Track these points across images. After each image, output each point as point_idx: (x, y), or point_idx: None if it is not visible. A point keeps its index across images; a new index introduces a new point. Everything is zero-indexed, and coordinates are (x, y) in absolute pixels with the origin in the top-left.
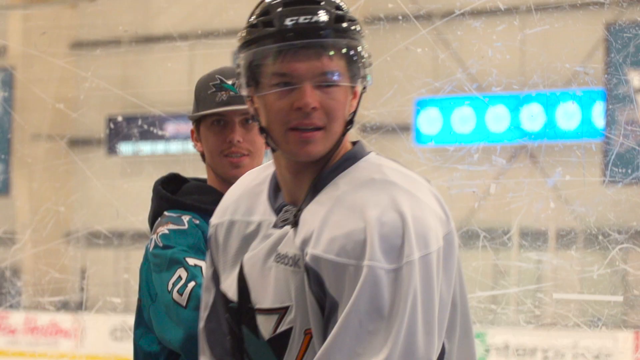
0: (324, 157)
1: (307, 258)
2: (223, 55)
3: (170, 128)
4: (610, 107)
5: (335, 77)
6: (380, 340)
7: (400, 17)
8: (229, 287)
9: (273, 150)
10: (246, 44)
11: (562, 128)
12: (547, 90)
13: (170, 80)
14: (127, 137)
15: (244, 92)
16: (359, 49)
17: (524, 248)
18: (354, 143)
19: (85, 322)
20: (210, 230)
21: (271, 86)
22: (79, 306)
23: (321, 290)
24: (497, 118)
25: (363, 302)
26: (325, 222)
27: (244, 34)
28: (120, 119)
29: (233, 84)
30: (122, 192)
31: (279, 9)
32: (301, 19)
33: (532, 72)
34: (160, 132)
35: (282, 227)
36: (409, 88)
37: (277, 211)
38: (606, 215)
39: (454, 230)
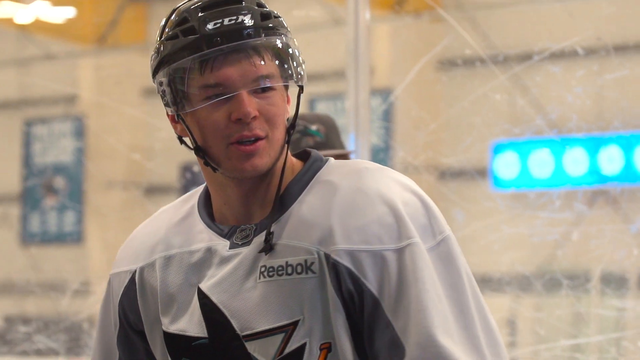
0: (270, 168)
1: (335, 256)
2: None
3: None
4: None
5: (271, 80)
6: (460, 310)
7: (477, 63)
8: (187, 324)
9: (213, 170)
10: (166, 59)
11: None
12: (627, 132)
13: None
14: None
15: (169, 111)
16: (292, 46)
17: (606, 295)
18: (299, 154)
19: None
20: (125, 277)
21: (202, 100)
22: None
23: (356, 286)
24: (576, 161)
25: (426, 277)
26: (341, 214)
27: (160, 49)
28: (196, 168)
29: (317, 130)
30: None
31: (199, 14)
32: (226, 21)
33: (613, 117)
34: None
35: (244, 245)
36: (487, 134)
37: (227, 235)
38: None
39: None
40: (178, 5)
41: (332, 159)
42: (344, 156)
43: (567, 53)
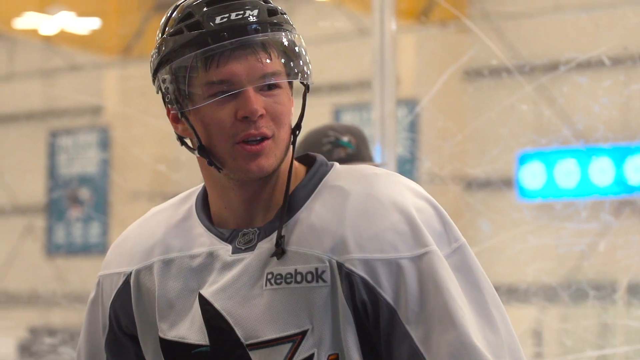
0: (275, 170)
1: (349, 265)
2: (324, 113)
3: None
4: None
5: (277, 78)
6: (485, 319)
7: (504, 74)
8: (187, 331)
9: (218, 169)
10: (169, 55)
11: None
12: None
13: None
14: None
15: (172, 110)
16: (299, 43)
17: (633, 306)
18: (302, 158)
19: None
20: (118, 279)
21: (207, 98)
22: None
23: (371, 296)
24: (602, 171)
25: (449, 285)
26: (354, 221)
27: (162, 46)
28: None
29: (349, 141)
30: None
31: (205, 9)
32: (233, 16)
33: (639, 127)
34: None
35: (248, 250)
36: (514, 145)
37: (228, 239)
38: None
39: None
40: (178, 3)
41: (337, 164)
42: None
43: (594, 63)
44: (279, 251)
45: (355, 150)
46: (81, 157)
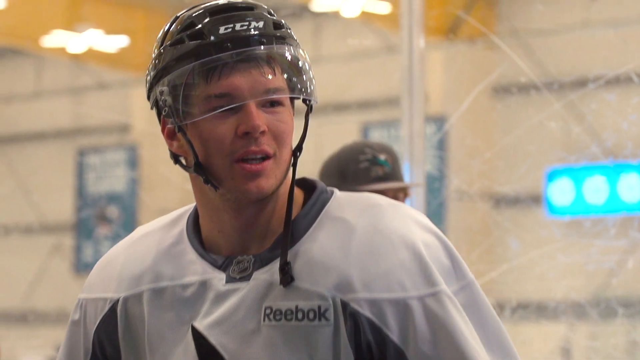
0: (274, 192)
1: (355, 305)
2: (353, 130)
3: None
4: None
5: (281, 94)
6: (499, 356)
7: (532, 91)
8: None
9: (215, 188)
10: (169, 65)
11: None
12: None
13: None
14: None
15: (169, 125)
16: (305, 59)
17: None
18: (298, 182)
19: None
20: (104, 305)
21: (206, 111)
22: None
23: (377, 337)
24: (631, 188)
25: (461, 324)
26: (360, 258)
27: (161, 57)
28: None
29: (386, 160)
30: None
31: (208, 19)
32: (237, 26)
33: None
34: None
35: (243, 279)
36: (542, 162)
37: (222, 267)
38: None
39: None
40: (178, 14)
41: (337, 191)
42: (404, 190)
43: (622, 80)
44: (287, 279)
45: (391, 169)
46: (109, 176)
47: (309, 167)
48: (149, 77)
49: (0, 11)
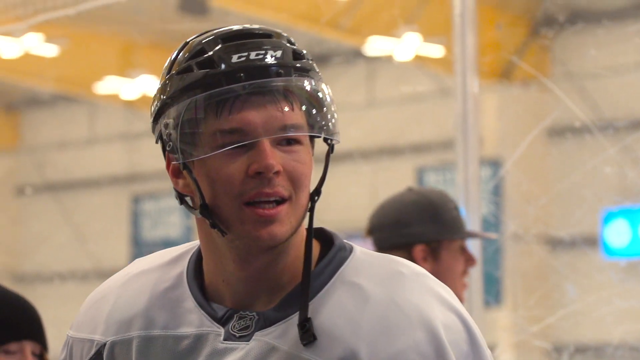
0: (288, 240)
1: None
2: (408, 174)
3: None
4: None
5: (300, 132)
6: None
7: (587, 135)
8: None
9: (222, 233)
10: (175, 95)
11: None
12: None
13: (352, 202)
14: None
15: (173, 162)
16: (327, 93)
17: None
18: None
19: None
20: (90, 347)
21: (214, 148)
22: None
23: None
24: None
25: None
26: (371, 334)
27: (167, 87)
28: None
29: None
30: None
31: (219, 46)
32: (252, 55)
33: None
34: None
35: (242, 339)
36: (597, 206)
37: (222, 320)
38: None
39: None
40: (188, 40)
41: (357, 248)
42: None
43: None
44: (310, 337)
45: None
46: (164, 222)
47: (361, 212)
48: (153, 107)
49: (54, 59)
